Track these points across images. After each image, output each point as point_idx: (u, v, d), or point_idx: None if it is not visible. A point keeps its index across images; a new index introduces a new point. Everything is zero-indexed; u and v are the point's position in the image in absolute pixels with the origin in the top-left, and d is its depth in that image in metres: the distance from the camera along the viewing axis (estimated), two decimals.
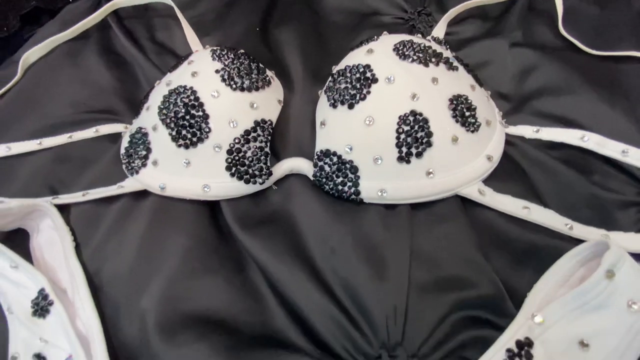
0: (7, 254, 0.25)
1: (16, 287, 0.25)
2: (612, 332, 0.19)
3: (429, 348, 0.19)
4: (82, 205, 0.29)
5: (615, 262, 0.19)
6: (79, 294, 0.24)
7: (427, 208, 0.25)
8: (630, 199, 0.26)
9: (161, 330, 0.21)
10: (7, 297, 0.25)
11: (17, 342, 0.24)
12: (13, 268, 0.25)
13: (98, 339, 0.22)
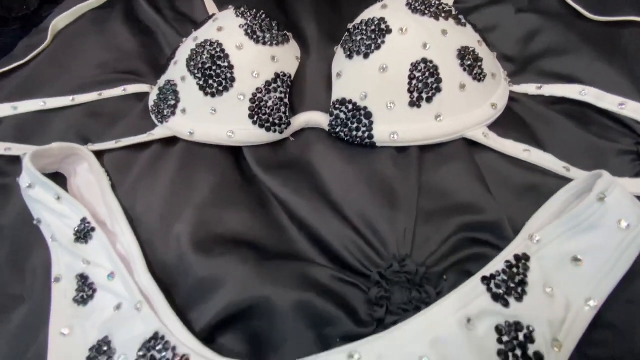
0: (51, 187, 0.27)
1: (59, 218, 0.27)
2: (603, 248, 0.21)
3: (434, 260, 0.22)
4: (114, 152, 0.32)
5: (606, 187, 0.21)
6: (117, 222, 0.27)
7: (436, 149, 0.27)
8: (626, 148, 0.28)
9: (195, 247, 0.24)
10: (50, 227, 0.27)
11: (60, 266, 0.26)
12: (57, 200, 0.27)
13: (138, 257, 0.25)
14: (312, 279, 0.21)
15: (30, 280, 0.27)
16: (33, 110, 0.36)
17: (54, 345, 0.23)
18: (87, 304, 0.25)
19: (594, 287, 0.20)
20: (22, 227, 0.29)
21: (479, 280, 0.20)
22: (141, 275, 0.24)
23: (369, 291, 0.21)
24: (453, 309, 0.19)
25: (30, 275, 0.27)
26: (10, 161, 0.33)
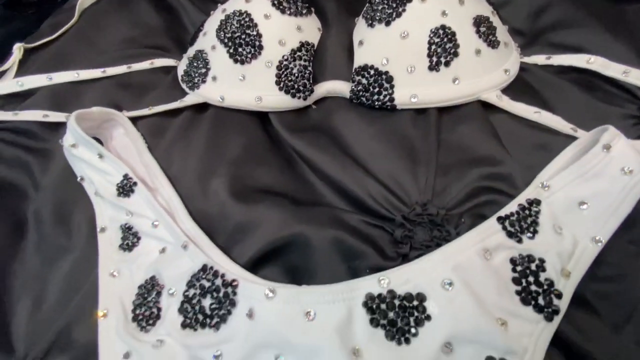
0: (94, 146, 0.29)
1: (101, 175, 0.30)
2: (608, 192, 0.23)
3: (453, 205, 0.24)
4: (147, 119, 0.34)
5: (611, 139, 0.23)
6: (157, 178, 0.29)
7: (453, 111, 0.29)
8: (629, 112, 0.30)
9: (233, 196, 0.26)
10: (93, 183, 0.30)
11: (104, 218, 0.29)
12: (99, 158, 0.29)
13: (179, 206, 0.27)
14: (343, 221, 0.24)
15: (75, 233, 0.29)
16: (67, 81, 0.38)
17: (104, 285, 0.25)
18: (132, 250, 0.27)
19: (599, 227, 0.22)
20: (64, 186, 0.31)
21: (495, 220, 0.22)
22: (184, 222, 0.26)
23: (394, 232, 0.23)
24: (472, 243, 0.21)
25: (76, 228, 0.29)
26: (48, 127, 0.35)
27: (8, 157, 0.34)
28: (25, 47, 0.41)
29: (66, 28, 0.44)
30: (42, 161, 0.33)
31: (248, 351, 0.19)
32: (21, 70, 0.41)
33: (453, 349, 0.18)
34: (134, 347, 0.22)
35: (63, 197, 0.31)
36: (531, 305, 0.19)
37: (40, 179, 0.32)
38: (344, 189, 0.26)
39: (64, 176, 0.32)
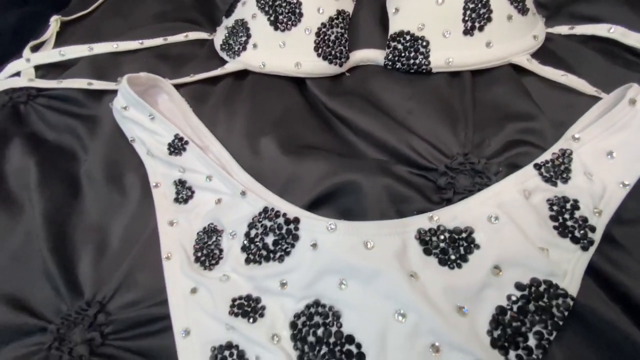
0: (146, 108, 0.31)
1: (152, 135, 0.31)
2: (633, 142, 0.25)
3: (491, 155, 0.26)
4: (189, 87, 0.35)
5: (636, 94, 0.26)
6: (205, 137, 0.31)
7: (485, 74, 0.31)
8: None
9: (284, 152, 0.28)
10: (145, 143, 0.31)
11: (156, 175, 0.30)
12: (150, 120, 0.31)
13: (231, 160, 0.29)
14: (390, 170, 0.26)
15: (129, 191, 0.30)
16: (106, 51, 0.39)
17: (164, 233, 0.27)
18: (188, 202, 0.29)
19: (626, 172, 0.24)
20: (113, 149, 0.33)
21: (532, 166, 0.24)
22: (238, 174, 0.28)
23: (437, 180, 0.25)
24: (512, 184, 0.23)
25: (129, 186, 0.31)
26: (91, 96, 0.37)
27: (56, 123, 0.36)
28: (62, 19, 0.43)
29: (99, 3, 0.45)
30: (89, 126, 0.35)
31: (312, 277, 0.21)
32: (58, 42, 0.43)
33: (502, 271, 0.20)
34: (200, 282, 0.24)
35: (113, 159, 0.32)
36: (568, 237, 0.22)
37: (89, 143, 0.34)
38: (387, 145, 0.28)
39: (113, 140, 0.33)
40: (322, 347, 0.20)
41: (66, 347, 0.23)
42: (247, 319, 0.22)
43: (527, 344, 0.19)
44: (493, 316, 0.19)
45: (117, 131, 0.34)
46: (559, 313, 0.19)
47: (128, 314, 0.24)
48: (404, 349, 0.19)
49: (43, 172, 0.31)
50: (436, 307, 0.19)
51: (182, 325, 0.23)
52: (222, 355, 0.21)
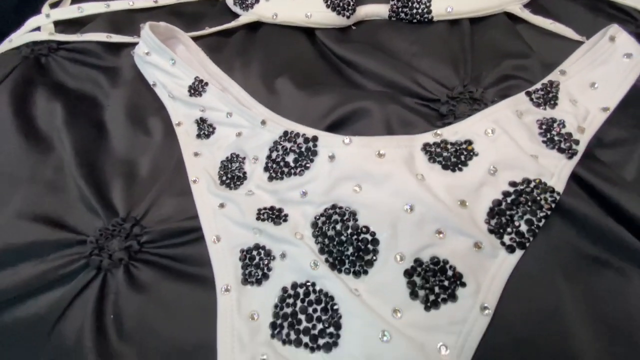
0: (168, 52, 0.33)
1: (173, 79, 0.34)
2: (613, 73, 0.28)
3: (487, 86, 0.29)
4: (204, 40, 0.38)
5: (615, 32, 0.29)
6: (223, 80, 0.33)
7: (482, 21, 0.34)
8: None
9: (298, 88, 0.31)
10: (166, 87, 0.34)
11: (178, 115, 0.33)
12: (171, 64, 0.34)
13: (249, 98, 0.31)
14: (397, 99, 0.29)
15: (153, 131, 0.33)
16: (123, 8, 0.41)
17: (189, 162, 0.30)
18: (210, 137, 0.31)
19: (607, 99, 0.28)
20: (135, 95, 0.35)
21: (523, 94, 0.27)
22: (257, 107, 0.30)
23: (440, 108, 0.28)
24: (506, 106, 0.26)
25: (152, 127, 0.33)
26: (109, 48, 0.39)
27: (77, 73, 0.38)
28: None
29: None
30: (110, 76, 0.37)
31: (330, 185, 0.24)
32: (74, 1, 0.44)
33: (497, 172, 0.23)
34: (227, 198, 0.26)
35: (135, 104, 0.35)
36: (555, 148, 0.25)
37: (110, 91, 0.36)
38: (393, 82, 0.31)
39: (134, 87, 0.35)
40: (341, 237, 0.23)
41: (105, 254, 0.25)
42: (272, 223, 0.24)
43: (519, 229, 0.22)
44: (490, 208, 0.23)
45: (137, 79, 0.36)
46: (546, 205, 0.22)
47: (161, 227, 0.26)
48: (412, 233, 0.22)
49: (69, 114, 0.34)
50: (440, 200, 0.22)
51: (212, 233, 0.25)
52: (250, 255, 0.24)
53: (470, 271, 0.21)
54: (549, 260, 0.22)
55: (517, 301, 0.20)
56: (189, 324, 0.23)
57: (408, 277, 0.21)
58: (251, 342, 0.21)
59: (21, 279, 0.25)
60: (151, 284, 0.24)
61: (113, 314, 0.23)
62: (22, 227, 0.27)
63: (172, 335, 0.22)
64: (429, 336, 0.19)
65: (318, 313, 0.21)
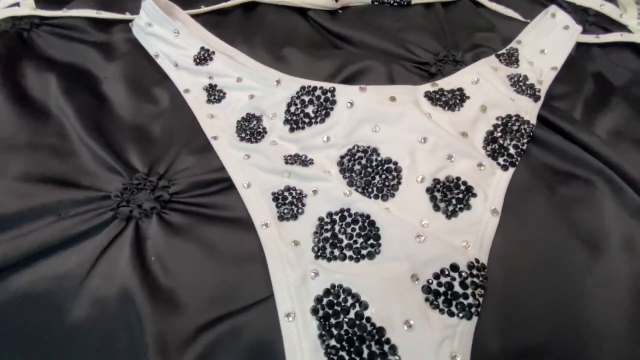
0: (171, 23, 0.35)
1: (177, 49, 0.35)
2: (556, 41, 0.36)
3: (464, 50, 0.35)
4: (201, 17, 0.39)
5: (555, 10, 0.37)
6: (228, 50, 0.35)
7: (451, 5, 0.41)
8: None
9: (306, 55, 0.34)
10: (170, 57, 0.35)
11: (185, 83, 0.34)
12: (174, 35, 0.35)
13: (257, 64, 0.33)
14: (394, 61, 0.33)
15: (160, 100, 0.33)
16: None
17: (205, 123, 0.31)
18: (221, 102, 0.33)
19: (554, 61, 0.35)
20: (134, 69, 0.35)
21: (494, 56, 0.34)
22: (268, 70, 0.33)
23: (430, 69, 0.34)
24: (484, 63, 0.32)
25: (158, 96, 0.34)
26: (98, 25, 0.39)
27: (65, 48, 0.37)
28: None
29: None
30: (103, 51, 0.37)
31: (351, 128, 0.27)
32: None
33: (486, 110, 0.29)
34: (251, 149, 0.28)
35: (136, 77, 0.35)
36: (525, 94, 0.31)
37: (105, 65, 0.36)
38: (387, 50, 0.36)
39: (132, 61, 0.36)
40: (367, 169, 0.26)
41: (133, 205, 0.25)
42: (300, 165, 0.27)
43: (509, 152, 0.27)
44: (485, 138, 0.28)
45: (135, 52, 0.37)
46: (526, 133, 0.28)
47: (188, 179, 0.27)
48: (428, 159, 0.26)
49: (65, 84, 0.33)
50: (447, 132, 0.27)
51: (241, 180, 0.27)
52: (282, 195, 0.26)
53: (477, 185, 0.25)
54: (533, 174, 0.27)
55: (515, 206, 0.25)
56: (230, 259, 0.24)
57: (430, 193, 0.25)
58: (298, 262, 0.23)
59: (41, 237, 0.24)
60: (187, 228, 0.25)
61: (154, 256, 0.23)
62: (29, 189, 0.26)
63: (216, 270, 0.23)
64: (454, 237, 0.23)
65: (357, 230, 0.24)
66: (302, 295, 0.21)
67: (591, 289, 0.22)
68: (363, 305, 0.20)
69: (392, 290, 0.21)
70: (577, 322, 0.21)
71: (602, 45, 0.40)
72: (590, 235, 0.24)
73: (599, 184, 0.27)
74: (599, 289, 0.22)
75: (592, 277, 0.23)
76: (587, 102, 0.35)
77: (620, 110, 0.35)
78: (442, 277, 0.21)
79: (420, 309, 0.21)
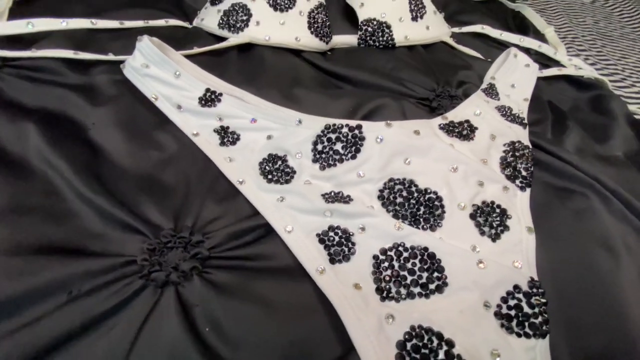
0: (171, 65, 0.32)
1: (179, 91, 0.32)
2: (522, 77, 0.42)
3: (455, 87, 0.39)
4: (195, 58, 0.38)
5: (516, 52, 0.43)
6: (235, 91, 0.34)
7: (430, 47, 0.45)
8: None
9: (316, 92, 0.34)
10: (172, 99, 0.32)
11: (192, 126, 0.32)
12: (175, 77, 0.32)
13: (270, 104, 0.33)
14: (401, 98, 0.35)
15: (165, 145, 0.30)
16: (83, 27, 0.37)
17: (224, 167, 0.29)
18: (237, 144, 0.31)
19: (524, 93, 0.41)
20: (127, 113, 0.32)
21: (480, 91, 0.38)
22: (283, 110, 0.32)
23: (431, 104, 0.36)
24: (477, 97, 0.36)
25: (163, 142, 0.30)
26: (73, 66, 0.35)
27: (37, 92, 0.32)
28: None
29: None
30: (85, 94, 0.33)
31: (384, 161, 0.28)
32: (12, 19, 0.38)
33: (495, 138, 0.32)
34: (284, 191, 0.27)
35: (129, 120, 0.32)
36: (516, 123, 0.35)
37: (90, 110, 0.32)
38: (388, 88, 0.38)
39: (123, 103, 0.32)
40: (410, 201, 0.26)
41: (167, 268, 0.22)
42: (341, 203, 0.26)
43: (522, 174, 0.30)
44: (500, 163, 0.30)
45: (125, 95, 0.33)
46: (530, 156, 0.32)
47: (223, 230, 0.24)
48: (462, 187, 0.27)
49: (47, 133, 0.28)
50: (473, 159, 0.29)
51: (282, 225, 0.25)
52: (328, 236, 0.25)
53: (508, 206, 0.27)
54: (542, 193, 0.30)
55: (539, 222, 0.28)
56: (291, 314, 0.22)
57: (473, 219, 0.26)
58: (367, 307, 0.21)
59: (54, 325, 0.19)
60: (237, 286, 0.22)
61: (208, 326, 0.20)
62: (22, 264, 0.21)
63: (280, 330, 0.21)
64: (504, 259, 0.24)
65: (418, 265, 0.23)
66: (382, 342, 0.20)
67: (623, 292, 0.25)
68: (449, 343, 0.20)
69: (471, 322, 0.21)
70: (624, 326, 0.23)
71: (545, 79, 0.48)
72: (604, 241, 0.28)
73: (592, 195, 0.32)
74: (628, 291, 0.25)
75: (619, 281, 0.25)
76: (553, 126, 0.41)
77: (576, 131, 0.41)
78: (510, 300, 0.22)
79: (500, 336, 0.21)
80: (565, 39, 0.70)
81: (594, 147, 0.41)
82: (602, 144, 0.41)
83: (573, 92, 0.51)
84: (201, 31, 0.43)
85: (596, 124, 0.44)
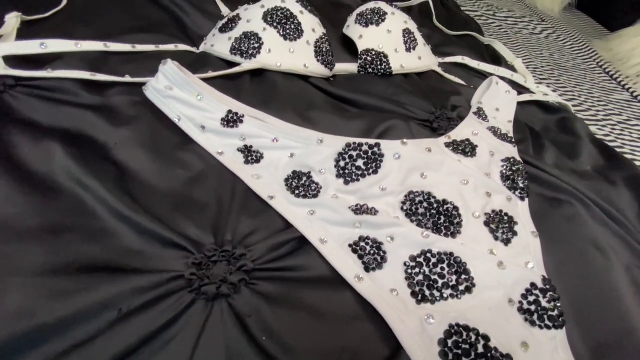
0: (194, 87, 0.33)
1: (202, 112, 0.33)
2: (505, 101, 0.47)
3: (450, 110, 0.43)
4: (210, 81, 0.39)
5: (497, 79, 0.49)
6: (256, 114, 0.35)
7: (422, 75, 0.50)
8: None
9: (331, 114, 0.36)
10: (195, 120, 0.33)
11: (215, 146, 0.33)
12: (197, 99, 0.33)
13: (289, 124, 0.34)
14: (407, 120, 0.39)
15: (191, 164, 0.31)
16: (96, 49, 0.38)
17: (252, 183, 0.30)
18: (260, 162, 0.32)
19: (507, 115, 0.46)
20: (148, 132, 0.32)
21: (472, 113, 0.42)
22: (303, 131, 0.34)
23: (432, 125, 0.40)
24: (471, 119, 0.40)
25: (188, 161, 0.31)
26: (88, 87, 0.35)
27: (53, 112, 0.32)
28: (23, 18, 0.38)
29: (58, 9, 0.42)
30: (104, 115, 0.33)
31: (403, 176, 0.30)
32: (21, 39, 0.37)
33: (494, 154, 0.35)
34: (314, 205, 0.28)
35: (153, 140, 0.32)
36: (506, 141, 0.40)
37: (112, 130, 0.32)
38: (391, 111, 0.41)
39: (145, 124, 0.33)
40: (431, 211, 0.29)
41: (214, 282, 0.22)
42: (369, 214, 0.28)
43: (519, 186, 0.34)
44: (500, 176, 0.34)
45: (147, 116, 0.34)
46: (524, 170, 0.36)
47: (263, 244, 0.25)
48: (474, 197, 0.30)
49: (74, 153, 0.28)
50: (479, 173, 0.32)
51: (315, 236, 0.26)
52: (359, 246, 0.27)
53: (513, 214, 0.31)
54: (536, 202, 0.34)
55: (539, 227, 0.31)
56: (338, 321, 0.23)
57: (487, 225, 0.29)
58: (407, 310, 0.23)
59: (109, 343, 0.18)
60: (284, 296, 0.23)
61: (264, 333, 0.20)
62: (64, 284, 0.20)
63: (332, 336, 0.22)
64: (517, 260, 0.27)
65: (446, 268, 0.25)
66: (426, 341, 0.22)
67: (616, 286, 0.28)
68: (486, 337, 0.22)
69: (500, 318, 0.23)
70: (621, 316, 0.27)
71: (519, 103, 0.54)
72: (594, 243, 0.32)
73: (576, 204, 0.36)
74: (620, 285, 0.29)
75: (612, 277, 0.29)
76: (533, 145, 0.46)
77: (551, 149, 0.47)
78: (529, 296, 0.25)
79: (526, 329, 0.23)
80: (528, 68, 0.80)
81: (568, 162, 0.46)
82: (573, 160, 0.47)
83: (542, 114, 0.57)
84: (210, 56, 0.45)
85: (565, 142, 0.51)
